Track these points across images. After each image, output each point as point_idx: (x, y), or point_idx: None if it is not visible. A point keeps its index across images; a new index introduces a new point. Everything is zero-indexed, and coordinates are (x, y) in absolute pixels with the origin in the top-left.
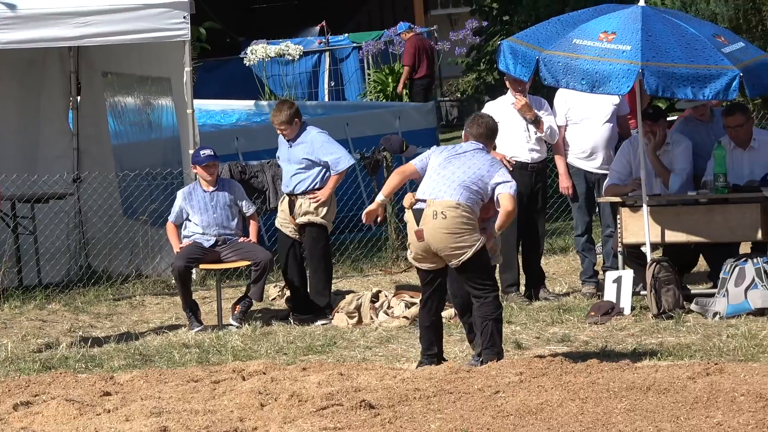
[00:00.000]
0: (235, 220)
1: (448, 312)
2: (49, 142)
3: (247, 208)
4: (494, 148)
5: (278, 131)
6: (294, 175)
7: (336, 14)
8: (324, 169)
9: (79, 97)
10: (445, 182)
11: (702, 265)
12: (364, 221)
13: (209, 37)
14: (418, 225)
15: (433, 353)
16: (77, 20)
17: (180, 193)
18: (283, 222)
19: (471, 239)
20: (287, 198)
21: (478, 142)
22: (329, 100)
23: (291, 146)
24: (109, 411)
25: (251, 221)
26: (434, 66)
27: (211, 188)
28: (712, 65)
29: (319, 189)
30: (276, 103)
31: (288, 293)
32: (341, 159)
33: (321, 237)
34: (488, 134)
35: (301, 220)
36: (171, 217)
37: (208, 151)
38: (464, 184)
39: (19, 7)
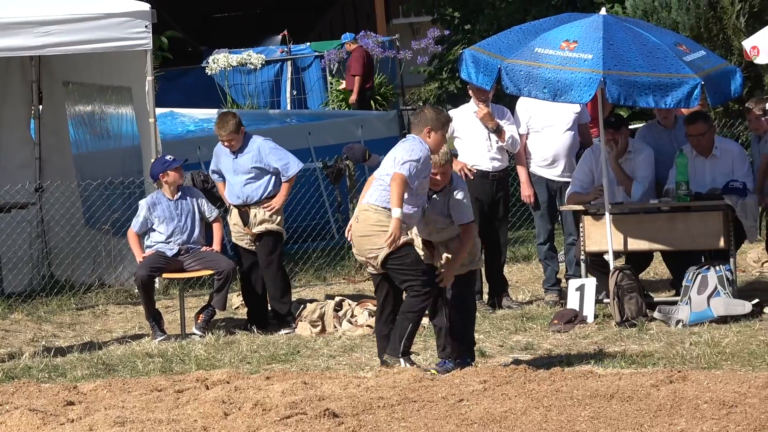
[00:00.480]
0: (199, 227)
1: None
2: (10, 152)
3: (210, 212)
4: (455, 155)
5: (224, 143)
6: (245, 185)
7: (298, 23)
8: (273, 176)
9: (40, 107)
10: (372, 184)
11: (664, 272)
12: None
13: (171, 46)
14: None
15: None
16: (39, 29)
17: (143, 203)
18: (237, 236)
19: (382, 241)
20: (236, 210)
21: (411, 133)
22: (291, 108)
23: (236, 157)
24: (72, 421)
25: (215, 225)
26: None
27: (176, 196)
28: (673, 74)
29: (272, 197)
30: (218, 115)
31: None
32: (290, 164)
33: (277, 244)
34: (416, 122)
35: (258, 229)
36: (135, 227)
37: (170, 156)
38: (378, 182)
39: None
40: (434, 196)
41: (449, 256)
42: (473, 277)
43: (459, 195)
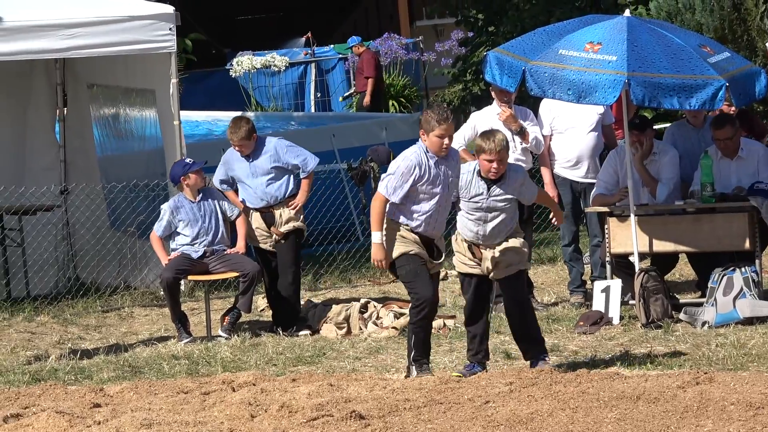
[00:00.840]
0: (223, 226)
1: (437, 322)
2: (36, 154)
3: (231, 211)
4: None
5: (236, 148)
6: (267, 186)
7: (321, 25)
8: (291, 174)
9: (65, 109)
10: None
11: (690, 274)
12: None
13: (195, 48)
14: None
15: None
16: (64, 32)
17: (166, 207)
18: (261, 239)
19: (389, 248)
20: (257, 214)
21: None
22: (315, 111)
23: (252, 161)
24: (99, 423)
25: (239, 221)
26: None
27: (198, 198)
28: (698, 75)
29: (294, 195)
30: (231, 121)
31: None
32: (308, 159)
33: (300, 241)
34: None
35: (286, 227)
36: (158, 231)
37: (190, 159)
38: None
39: (5, 19)
40: (494, 186)
41: (495, 255)
42: (523, 277)
43: (520, 177)
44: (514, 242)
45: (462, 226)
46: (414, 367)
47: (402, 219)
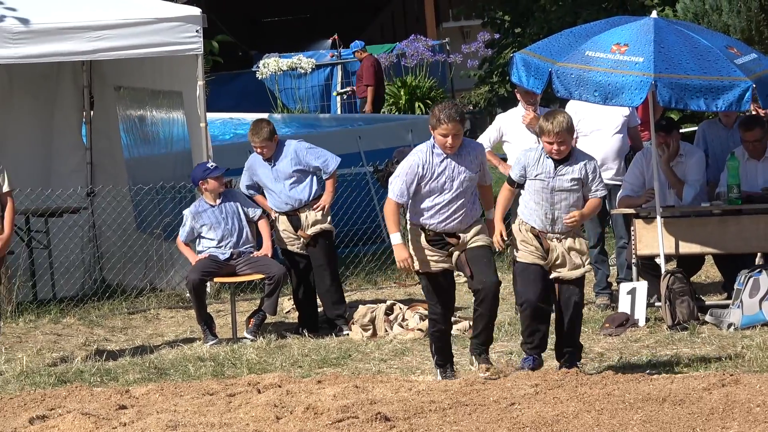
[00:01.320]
0: (247, 227)
1: (462, 325)
2: (62, 156)
3: (253, 212)
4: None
5: (258, 150)
6: (290, 189)
7: (348, 27)
8: (314, 176)
9: (92, 111)
10: None
11: (716, 276)
12: None
13: (221, 50)
14: None
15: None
16: (90, 34)
17: (188, 213)
18: (288, 242)
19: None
20: (283, 217)
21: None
22: (341, 113)
23: (274, 165)
24: (125, 424)
25: (261, 223)
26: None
27: (218, 201)
28: (725, 77)
29: (319, 196)
30: (253, 122)
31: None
32: (329, 160)
33: (332, 242)
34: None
35: (312, 230)
36: (181, 237)
37: (212, 163)
38: None
39: (32, 21)
40: (560, 167)
41: (562, 249)
42: (583, 281)
43: (592, 165)
44: (581, 243)
45: (527, 213)
46: (439, 371)
47: (420, 220)
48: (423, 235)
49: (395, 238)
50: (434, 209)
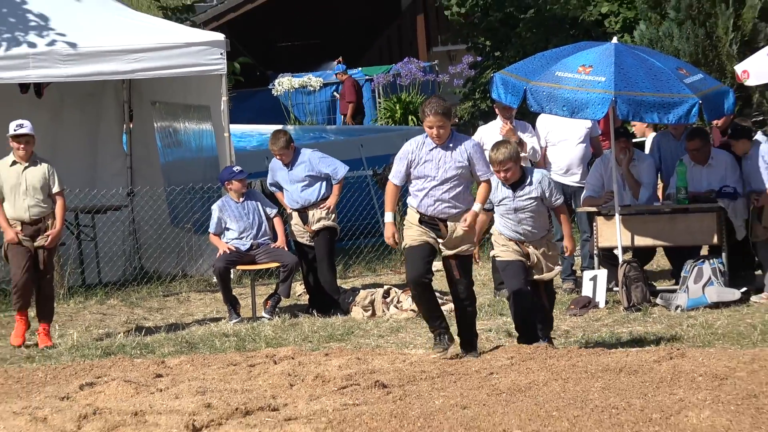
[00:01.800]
0: (266, 221)
1: (450, 306)
2: (106, 162)
3: (271, 211)
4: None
5: (277, 157)
6: (302, 191)
7: (351, 50)
8: (324, 181)
9: (131, 123)
10: None
11: (666, 265)
12: None
13: (242, 70)
14: None
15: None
16: (129, 57)
17: (215, 207)
18: (299, 234)
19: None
20: (296, 213)
21: None
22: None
23: (290, 169)
24: (161, 390)
25: (276, 220)
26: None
27: (241, 199)
28: (675, 94)
29: (326, 198)
30: (272, 133)
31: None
32: (338, 168)
33: (333, 237)
34: None
35: (316, 226)
36: (212, 229)
37: (238, 167)
38: None
39: (79, 45)
40: (517, 191)
41: (538, 254)
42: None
43: (546, 182)
44: (553, 248)
45: (502, 227)
46: (434, 340)
47: (414, 202)
48: (418, 217)
49: (388, 216)
50: (423, 192)
